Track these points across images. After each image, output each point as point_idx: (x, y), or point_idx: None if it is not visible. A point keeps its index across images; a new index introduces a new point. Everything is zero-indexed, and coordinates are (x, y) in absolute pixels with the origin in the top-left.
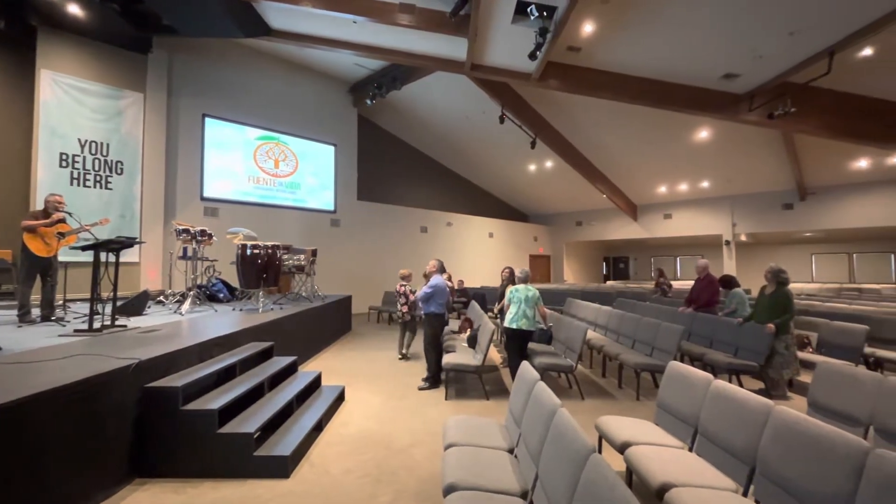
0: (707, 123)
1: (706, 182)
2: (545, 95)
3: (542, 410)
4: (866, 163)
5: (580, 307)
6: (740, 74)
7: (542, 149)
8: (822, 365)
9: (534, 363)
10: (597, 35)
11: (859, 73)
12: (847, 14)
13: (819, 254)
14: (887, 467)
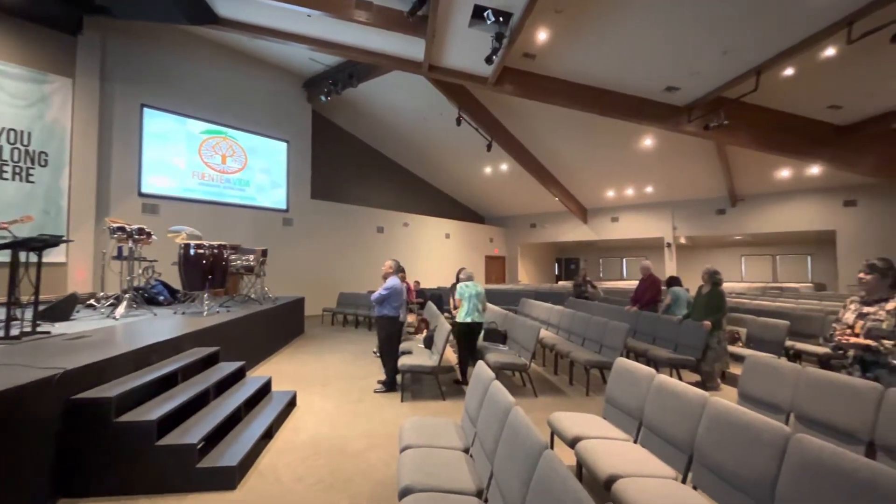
0: (651, 132)
1: (650, 187)
2: (501, 99)
3: (496, 409)
4: (788, 173)
5: (534, 307)
6: (680, 88)
7: (498, 152)
8: (749, 358)
9: (489, 362)
10: (551, 43)
11: (782, 90)
12: (772, 37)
13: (747, 255)
14: (805, 450)
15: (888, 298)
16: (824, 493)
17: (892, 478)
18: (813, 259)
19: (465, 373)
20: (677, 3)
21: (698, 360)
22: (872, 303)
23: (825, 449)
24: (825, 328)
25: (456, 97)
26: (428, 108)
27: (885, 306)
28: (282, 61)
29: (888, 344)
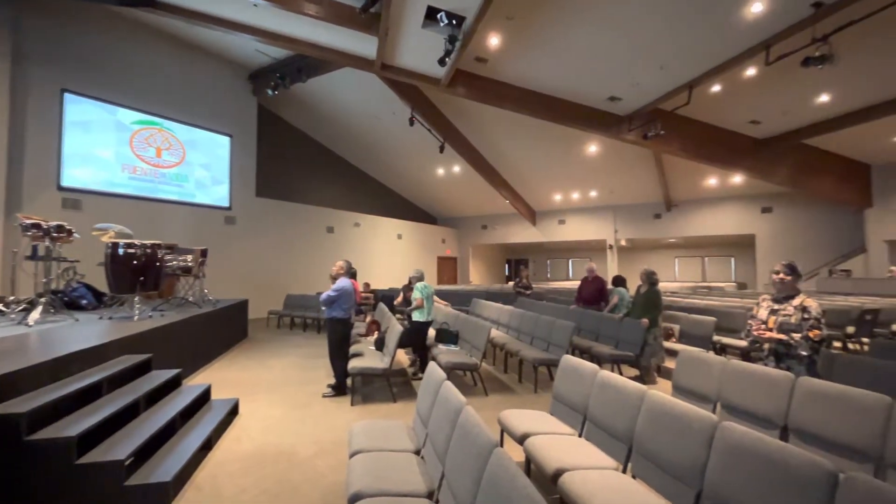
0: (595, 140)
1: (594, 192)
2: (454, 102)
3: (448, 409)
4: (715, 181)
5: (485, 307)
6: (622, 98)
7: (451, 153)
8: (682, 353)
9: (441, 363)
10: (502, 49)
11: (710, 105)
12: (702, 55)
13: (680, 257)
14: (730, 437)
15: (794, 296)
16: (746, 474)
17: (801, 458)
18: (736, 260)
19: (424, 364)
20: (620, 19)
21: (637, 355)
22: (782, 300)
23: (746, 434)
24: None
25: (409, 97)
26: (380, 106)
27: (792, 303)
28: (225, 51)
29: (797, 337)
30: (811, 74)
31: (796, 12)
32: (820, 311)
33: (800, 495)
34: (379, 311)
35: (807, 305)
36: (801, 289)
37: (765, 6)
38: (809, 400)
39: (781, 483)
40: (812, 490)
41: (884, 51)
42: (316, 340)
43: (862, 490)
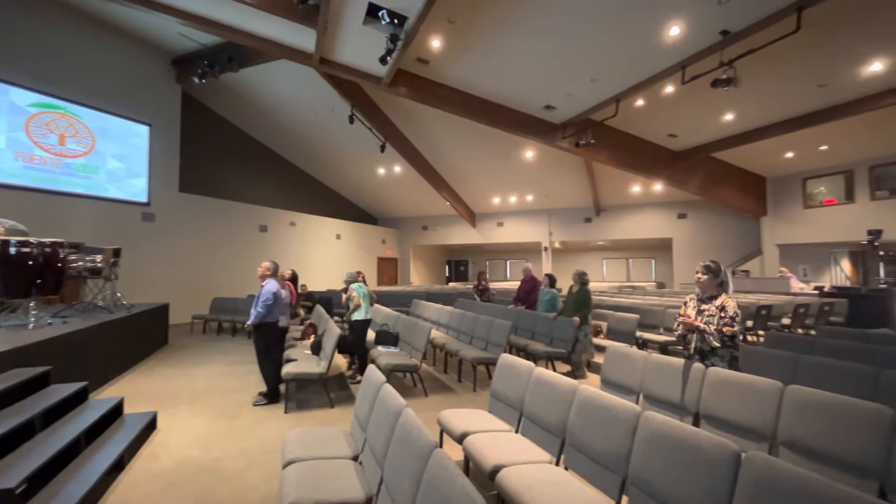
0: (532, 145)
1: (530, 196)
2: (396, 101)
3: (387, 412)
4: (639, 188)
5: (425, 308)
6: (557, 107)
7: (392, 153)
8: (609, 348)
9: (380, 365)
10: (444, 52)
11: (635, 118)
12: (629, 71)
13: (607, 258)
14: (651, 425)
15: (717, 296)
16: (665, 459)
17: (710, 441)
18: (656, 262)
19: (363, 367)
20: (556, 32)
21: (569, 352)
22: (707, 300)
23: (665, 423)
24: (664, 320)
25: (349, 94)
26: (319, 102)
27: (714, 303)
28: (143, 31)
29: (711, 329)
30: (719, 95)
31: (707, 38)
32: (736, 310)
33: (710, 474)
34: (316, 313)
35: (725, 305)
36: (732, 287)
37: (681, 30)
38: (717, 388)
39: (694, 464)
40: (720, 469)
41: (778, 77)
42: (246, 346)
43: (759, 466)
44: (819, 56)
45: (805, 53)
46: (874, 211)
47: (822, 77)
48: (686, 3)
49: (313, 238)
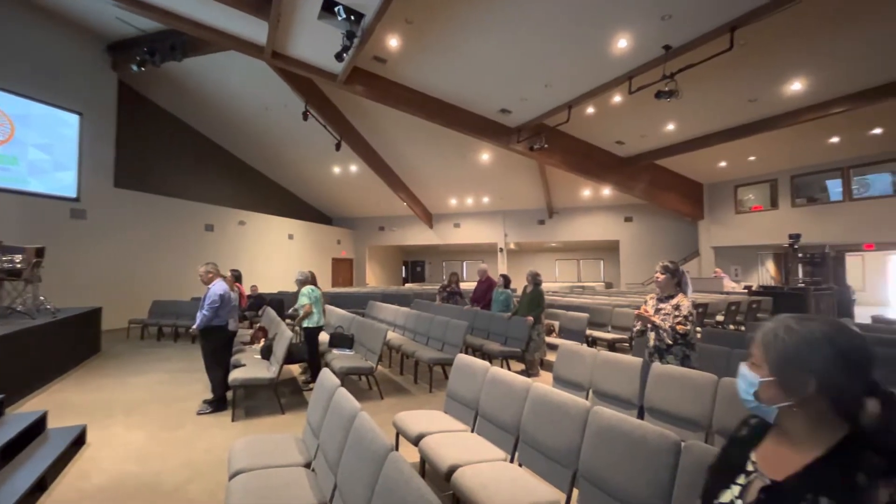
0: (488, 148)
1: (486, 198)
2: (352, 99)
3: (341, 416)
4: (589, 192)
5: (381, 309)
6: (512, 111)
7: (348, 152)
8: (561, 346)
9: (334, 368)
10: (402, 51)
11: (585, 124)
12: (580, 79)
13: (560, 259)
14: (599, 419)
15: (674, 296)
16: (613, 451)
17: (654, 432)
18: (605, 262)
19: (316, 372)
20: (512, 37)
21: (523, 350)
22: (665, 299)
23: (613, 416)
24: (612, 318)
25: (303, 90)
26: (271, 97)
27: (671, 302)
28: (73, 12)
29: (666, 325)
30: (662, 105)
31: (651, 51)
32: (690, 310)
33: (653, 463)
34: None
35: (680, 304)
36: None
37: (628, 43)
38: (659, 382)
39: (639, 454)
40: (662, 458)
41: (714, 91)
42: (190, 352)
43: (697, 454)
44: (749, 73)
45: (737, 70)
46: (794, 217)
47: (752, 93)
48: (633, 18)
49: (264, 238)
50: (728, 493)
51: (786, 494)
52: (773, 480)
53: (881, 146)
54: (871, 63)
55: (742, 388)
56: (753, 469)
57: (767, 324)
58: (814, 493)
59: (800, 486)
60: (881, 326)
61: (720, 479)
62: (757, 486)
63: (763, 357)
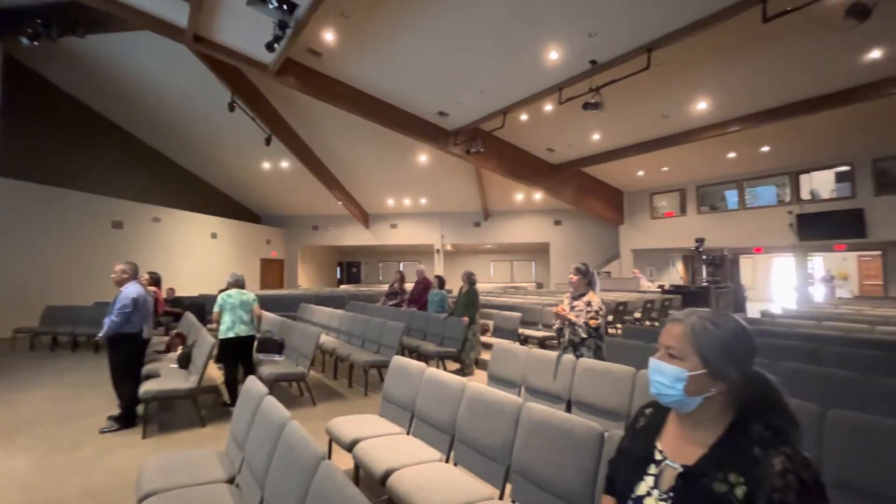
0: (426, 150)
1: (424, 199)
2: (285, 93)
3: (269, 427)
4: (522, 196)
5: (314, 312)
6: (449, 114)
7: (279, 147)
8: (495, 346)
9: (262, 375)
10: (338, 46)
11: (519, 131)
12: (515, 87)
13: (494, 261)
14: (531, 415)
15: (586, 294)
16: (543, 445)
17: (580, 424)
18: (536, 264)
19: (234, 393)
20: (449, 41)
21: (459, 350)
22: (578, 297)
23: (544, 412)
24: (543, 317)
25: (230, 79)
26: (192, 84)
27: (583, 299)
28: None
29: (580, 321)
30: (588, 116)
31: (579, 65)
32: (600, 305)
33: (579, 453)
34: (186, 322)
35: (591, 301)
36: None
37: (558, 55)
38: (585, 376)
39: (567, 446)
40: (587, 448)
41: (633, 106)
42: (91, 363)
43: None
44: (663, 92)
45: (653, 88)
46: (700, 223)
47: (665, 109)
48: (563, 33)
49: (183, 237)
50: (643, 484)
51: (699, 477)
52: (685, 466)
53: (768, 162)
54: (761, 90)
55: (664, 383)
56: (662, 458)
57: (691, 318)
58: (723, 471)
59: (710, 467)
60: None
61: (631, 472)
62: (671, 474)
63: (692, 349)
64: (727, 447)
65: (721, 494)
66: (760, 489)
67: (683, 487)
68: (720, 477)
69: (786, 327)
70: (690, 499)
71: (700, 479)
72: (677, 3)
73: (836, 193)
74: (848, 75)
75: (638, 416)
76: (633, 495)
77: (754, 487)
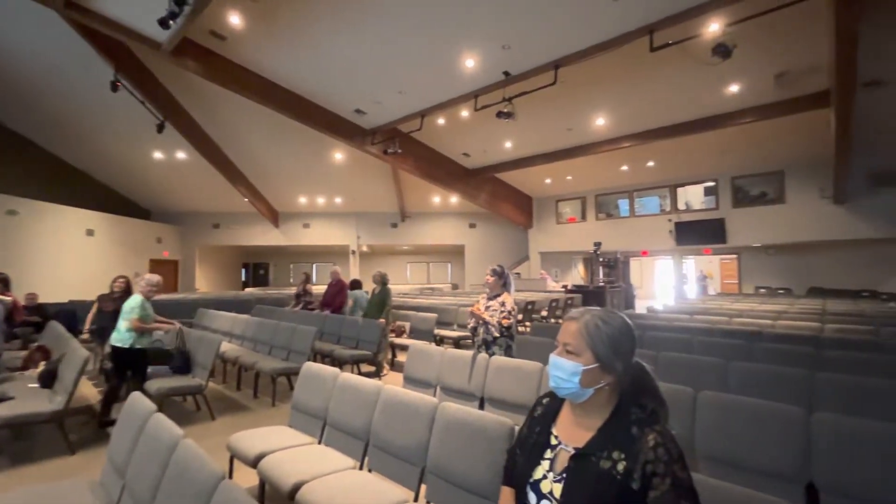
0: (342, 147)
1: (339, 198)
2: (183, 76)
3: (157, 447)
4: (438, 199)
5: (214, 318)
6: (367, 113)
7: (174, 136)
8: (411, 347)
9: (150, 390)
10: (246, 30)
11: (437, 134)
12: (433, 91)
13: (411, 262)
14: (446, 414)
15: (500, 294)
16: (457, 443)
17: (492, 420)
18: (452, 265)
19: (109, 408)
20: (369, 39)
21: (375, 353)
22: (493, 297)
23: (458, 410)
24: (458, 317)
25: (113, 55)
26: (65, 57)
27: (498, 300)
28: None
29: (494, 321)
30: (502, 125)
31: (493, 75)
32: (513, 306)
33: (491, 448)
34: (51, 332)
35: (504, 301)
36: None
37: (475, 64)
38: (497, 374)
39: (480, 442)
40: (499, 441)
41: (542, 118)
42: None
43: None
44: (568, 107)
45: (560, 102)
46: (598, 228)
47: (569, 123)
48: (479, 42)
49: (49, 233)
50: (540, 468)
51: (589, 457)
52: (576, 448)
53: (653, 176)
54: (648, 111)
55: (562, 377)
56: (557, 442)
57: (584, 316)
58: (608, 449)
59: (597, 448)
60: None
61: (530, 458)
62: (564, 457)
63: (586, 345)
64: (611, 429)
65: (606, 470)
66: (637, 462)
67: (575, 467)
68: (605, 455)
69: (666, 321)
70: (581, 477)
71: (589, 459)
72: (580, 26)
73: (704, 205)
74: (714, 104)
75: (536, 405)
76: (531, 480)
77: (632, 462)
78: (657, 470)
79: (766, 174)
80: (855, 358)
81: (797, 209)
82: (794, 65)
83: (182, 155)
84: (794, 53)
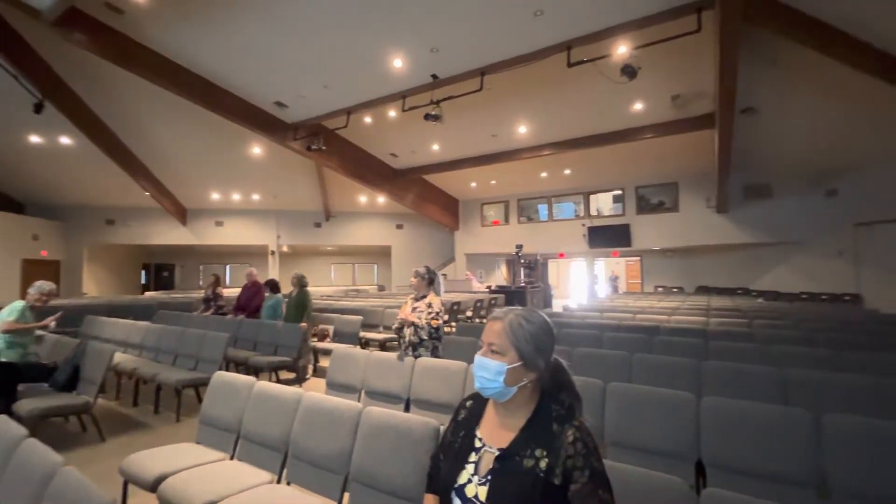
0: (260, 141)
1: (256, 195)
2: (70, 52)
3: (29, 478)
4: (365, 198)
5: (105, 326)
6: (288, 106)
7: (56, 119)
8: (335, 351)
9: (21, 412)
10: (151, 7)
11: (364, 133)
12: (359, 88)
13: (336, 263)
14: (371, 419)
15: (426, 295)
16: (383, 447)
17: (418, 422)
18: (378, 267)
19: None
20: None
21: (295, 359)
22: (419, 299)
23: (383, 414)
24: (384, 319)
25: None
26: None
27: (424, 301)
28: None
29: (422, 322)
30: (430, 127)
31: (422, 77)
32: (440, 306)
33: (418, 449)
34: None
35: (431, 302)
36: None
37: (403, 64)
38: (423, 374)
39: (405, 444)
40: (424, 443)
41: (468, 122)
42: None
43: None
44: (493, 113)
45: (485, 108)
46: (520, 231)
47: (494, 129)
48: (408, 43)
49: None
50: (464, 473)
51: (512, 457)
52: (500, 449)
53: (569, 183)
54: (565, 121)
55: (487, 377)
56: (481, 444)
57: (508, 316)
58: (531, 448)
59: (521, 447)
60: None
61: (454, 463)
62: (489, 459)
63: (510, 344)
64: (533, 427)
65: (529, 469)
66: (558, 458)
67: (499, 468)
68: (528, 454)
69: (579, 319)
70: (505, 478)
71: (513, 459)
72: (506, 36)
73: (613, 211)
74: (621, 119)
75: (459, 408)
76: (456, 485)
77: (554, 458)
78: (577, 464)
79: (663, 185)
80: (734, 347)
81: (688, 216)
82: (686, 89)
83: (66, 140)
84: (688, 79)
